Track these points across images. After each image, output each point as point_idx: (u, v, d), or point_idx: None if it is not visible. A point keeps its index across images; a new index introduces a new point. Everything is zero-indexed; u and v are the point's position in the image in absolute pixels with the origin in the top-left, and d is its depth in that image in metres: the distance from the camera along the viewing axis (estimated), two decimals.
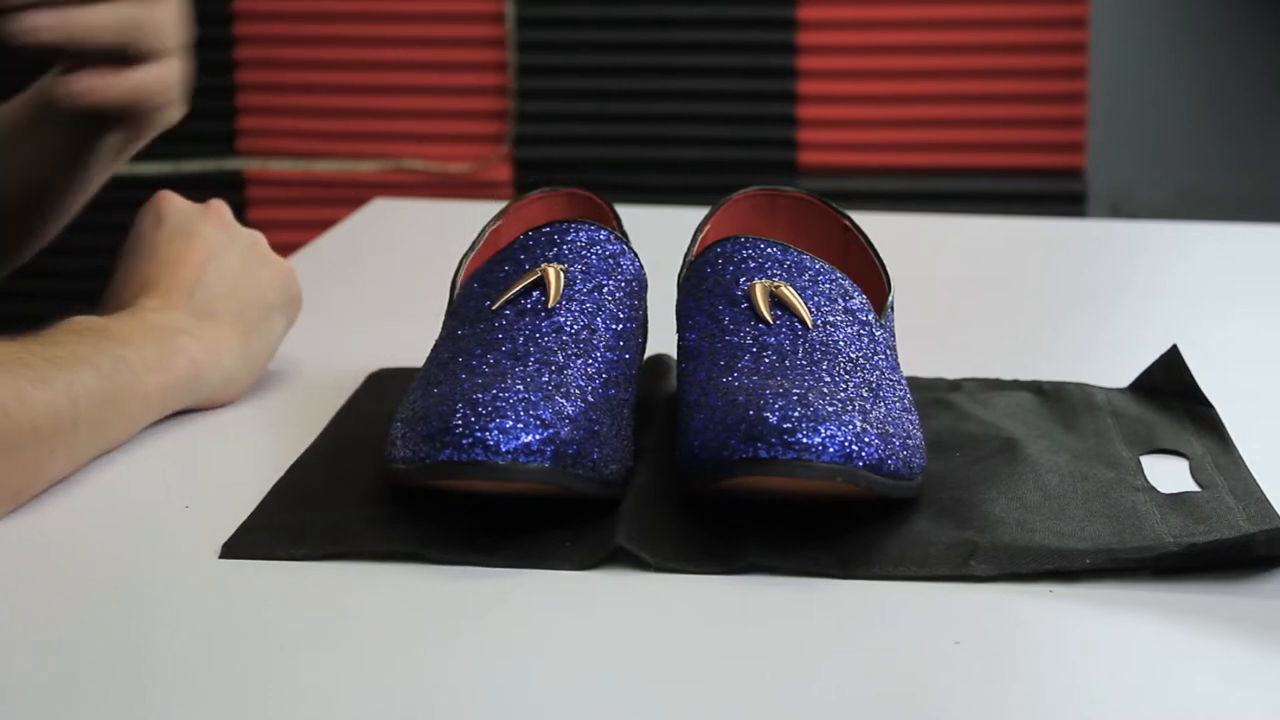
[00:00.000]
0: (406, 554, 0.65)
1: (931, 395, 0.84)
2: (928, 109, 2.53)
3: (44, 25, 0.82)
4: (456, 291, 0.78)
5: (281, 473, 0.74)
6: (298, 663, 0.58)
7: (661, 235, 0.92)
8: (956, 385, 0.86)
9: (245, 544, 0.67)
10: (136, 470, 0.76)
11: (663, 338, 0.83)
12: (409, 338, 0.86)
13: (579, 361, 0.71)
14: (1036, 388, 0.86)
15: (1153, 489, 0.72)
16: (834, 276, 0.74)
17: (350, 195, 2.38)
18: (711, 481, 0.65)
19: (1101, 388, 0.85)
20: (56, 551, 0.67)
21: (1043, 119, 2.51)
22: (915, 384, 0.85)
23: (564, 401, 0.67)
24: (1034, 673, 0.59)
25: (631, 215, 0.84)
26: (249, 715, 0.55)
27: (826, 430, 0.64)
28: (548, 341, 0.71)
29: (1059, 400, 0.84)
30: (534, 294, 0.74)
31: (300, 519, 0.69)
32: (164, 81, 0.87)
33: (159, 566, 0.66)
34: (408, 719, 0.54)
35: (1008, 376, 0.87)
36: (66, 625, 0.60)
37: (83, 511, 0.71)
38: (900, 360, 0.78)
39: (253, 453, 0.77)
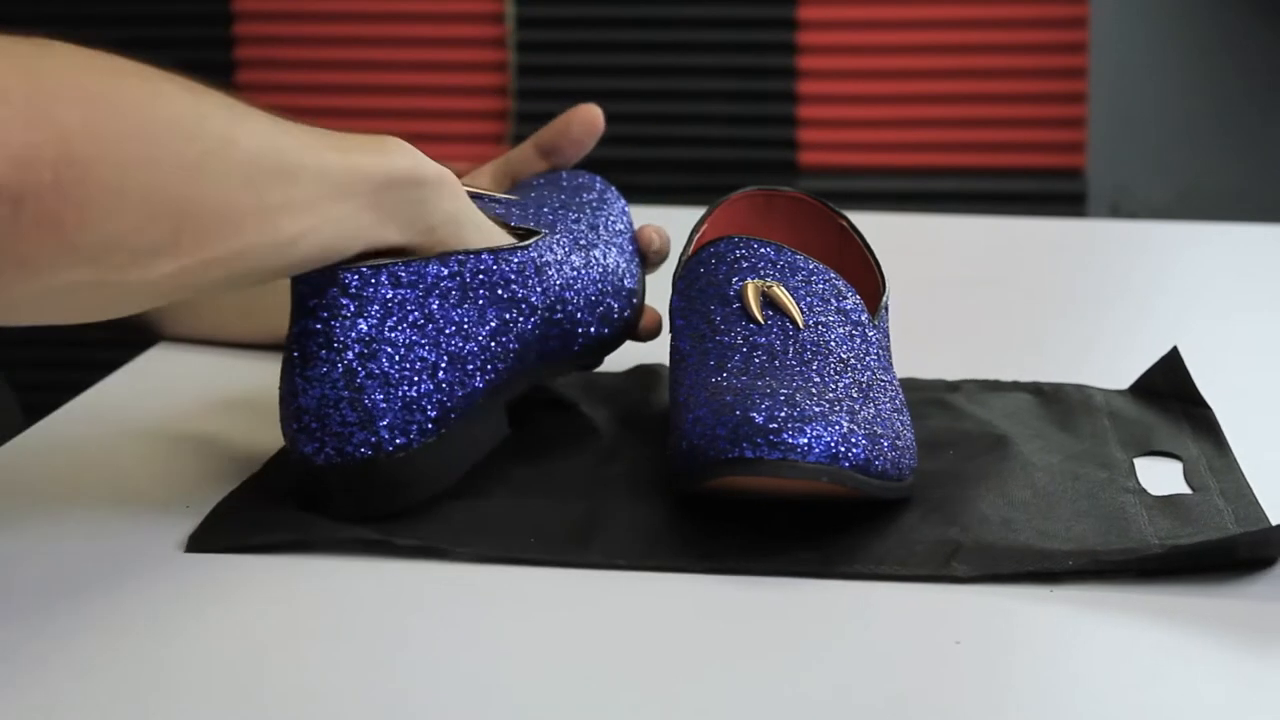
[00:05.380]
0: (370, 540, 0.66)
1: (930, 396, 0.84)
2: (928, 109, 2.53)
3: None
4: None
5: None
6: (277, 662, 0.58)
7: None
8: (955, 386, 0.86)
9: (207, 538, 0.67)
10: (136, 469, 0.76)
11: (660, 338, 0.83)
12: None
13: None
14: (1036, 389, 0.85)
15: (1143, 491, 0.72)
16: (828, 277, 0.74)
17: None
18: (699, 481, 0.65)
19: (1101, 389, 0.85)
20: (57, 550, 0.67)
21: (1043, 119, 2.51)
22: (914, 385, 0.85)
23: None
24: (1032, 673, 0.58)
25: (631, 215, 0.85)
26: (244, 715, 0.55)
27: (813, 430, 0.64)
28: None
29: (1057, 401, 0.83)
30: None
31: (262, 512, 0.69)
32: None
33: (159, 566, 0.66)
34: (386, 715, 0.54)
35: (1007, 377, 0.87)
36: (66, 625, 0.60)
37: (82, 510, 0.71)
38: (900, 361, 0.78)
39: (250, 452, 0.77)
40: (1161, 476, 0.74)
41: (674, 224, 0.87)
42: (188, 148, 0.59)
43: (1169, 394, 0.83)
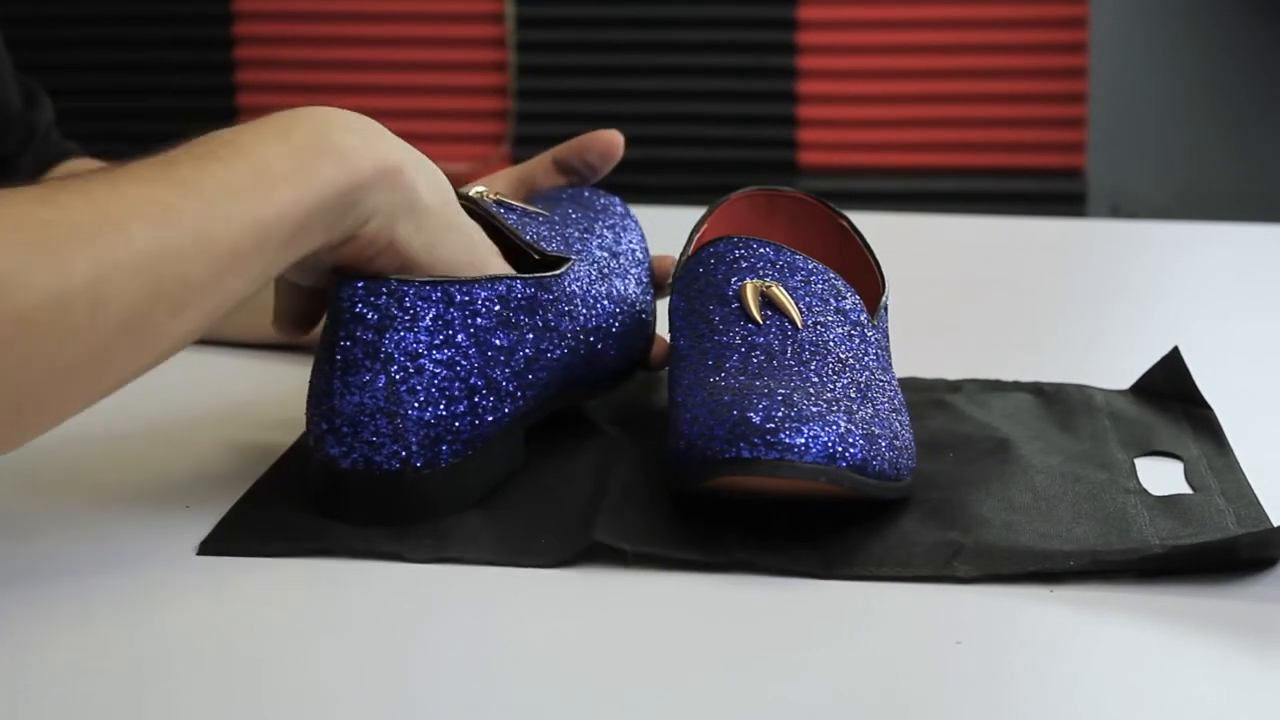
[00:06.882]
0: (384, 554, 0.66)
1: (931, 396, 0.84)
2: (928, 109, 2.53)
3: None
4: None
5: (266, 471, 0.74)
6: (283, 662, 0.58)
7: (661, 235, 0.91)
8: (957, 386, 0.86)
9: (223, 541, 0.67)
10: (135, 469, 0.76)
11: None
12: None
13: None
14: (1037, 389, 0.85)
15: (1144, 491, 0.71)
16: (827, 277, 0.74)
17: None
18: (696, 481, 0.65)
19: (1101, 389, 0.85)
20: (55, 549, 0.67)
21: (1043, 119, 2.52)
22: (915, 385, 0.85)
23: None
24: (1032, 673, 0.58)
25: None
26: (250, 715, 0.55)
27: (810, 430, 0.64)
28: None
29: (1058, 402, 0.83)
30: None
31: (278, 516, 0.69)
32: None
33: (159, 565, 0.66)
34: (392, 715, 0.54)
35: (1007, 377, 0.87)
36: (65, 624, 0.60)
37: (81, 509, 0.71)
38: (900, 361, 0.78)
39: (251, 452, 0.77)
40: (1162, 477, 0.74)
41: (674, 224, 0.87)
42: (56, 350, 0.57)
43: (1170, 394, 0.83)
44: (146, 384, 0.89)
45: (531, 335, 0.71)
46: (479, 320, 0.68)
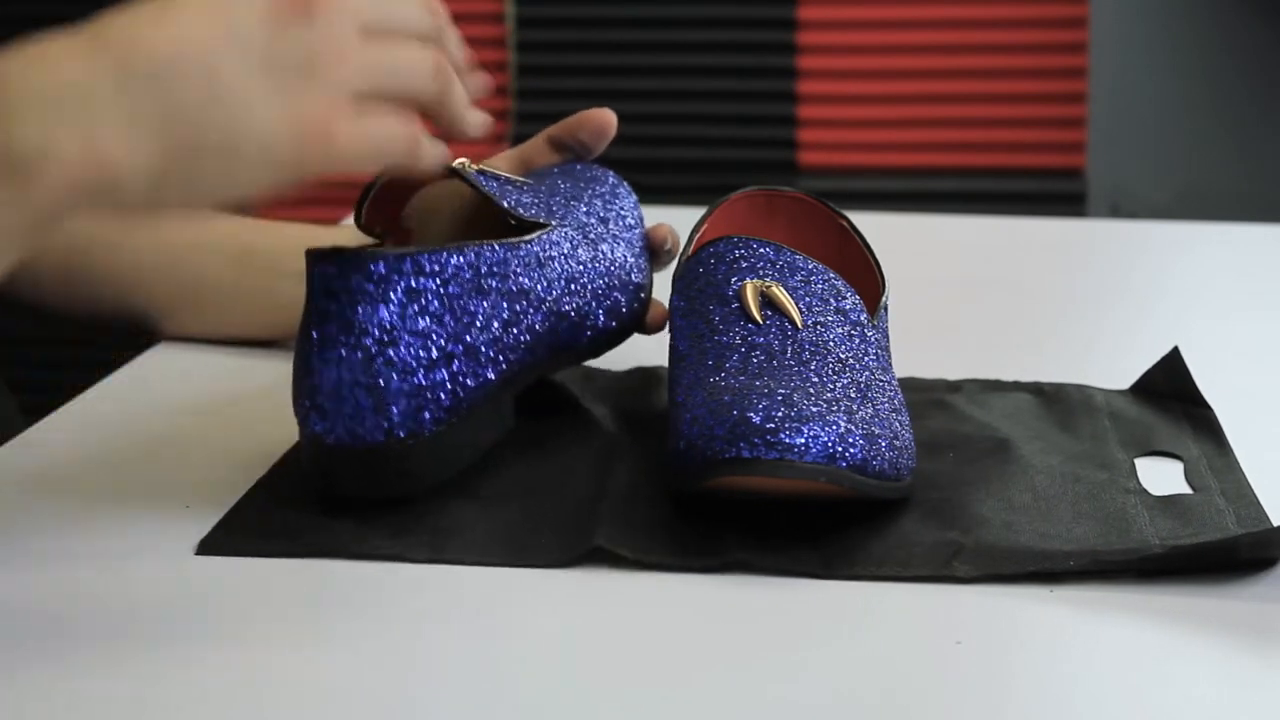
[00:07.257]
0: (384, 555, 0.66)
1: (931, 396, 0.84)
2: (927, 109, 2.53)
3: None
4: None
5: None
6: (276, 662, 0.58)
7: None
8: (957, 386, 0.86)
9: (222, 541, 0.67)
10: (136, 469, 0.76)
11: (660, 338, 0.83)
12: None
13: None
14: (1037, 389, 0.85)
15: (1144, 491, 0.72)
16: (827, 277, 0.74)
17: (351, 196, 2.39)
18: (696, 481, 0.65)
19: (1101, 389, 0.85)
20: (56, 550, 0.67)
21: (1043, 119, 2.51)
22: (915, 385, 0.85)
23: None
24: (1032, 673, 0.58)
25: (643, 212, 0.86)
26: (250, 715, 0.55)
27: (810, 430, 0.64)
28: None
29: (1058, 402, 0.83)
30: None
31: (278, 516, 0.69)
32: None
33: (159, 566, 0.66)
34: (390, 714, 0.54)
35: (1007, 377, 0.87)
36: (66, 625, 0.60)
37: (82, 510, 0.71)
38: (900, 361, 0.78)
39: (252, 452, 0.77)
40: (1162, 477, 0.74)
41: (674, 224, 0.87)
42: None
43: (1170, 394, 0.83)
44: (147, 383, 0.89)
45: (506, 300, 0.72)
46: (451, 288, 0.69)
